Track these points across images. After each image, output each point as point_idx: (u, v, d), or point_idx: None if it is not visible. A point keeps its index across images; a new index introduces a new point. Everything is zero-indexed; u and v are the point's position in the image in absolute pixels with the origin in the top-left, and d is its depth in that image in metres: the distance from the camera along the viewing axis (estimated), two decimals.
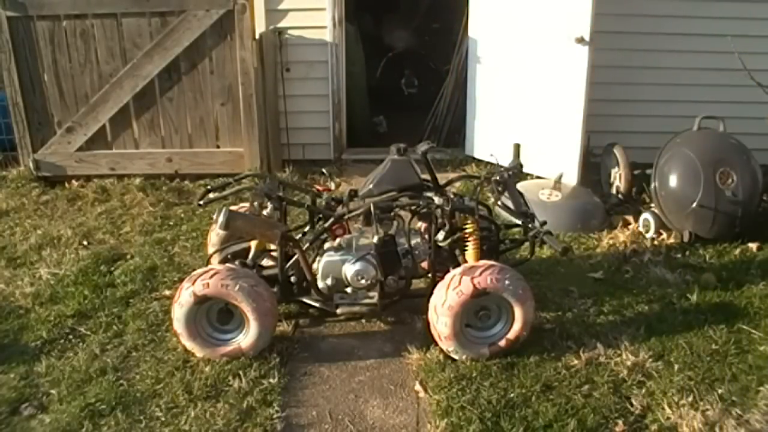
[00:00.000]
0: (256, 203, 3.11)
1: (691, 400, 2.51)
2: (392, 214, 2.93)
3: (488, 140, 5.16)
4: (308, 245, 2.94)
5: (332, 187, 3.31)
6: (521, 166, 3.28)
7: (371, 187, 2.99)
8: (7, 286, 3.45)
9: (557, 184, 4.37)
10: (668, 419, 2.42)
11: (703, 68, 5.08)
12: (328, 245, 2.96)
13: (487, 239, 2.98)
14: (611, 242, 3.91)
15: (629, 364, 2.71)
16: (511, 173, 3.11)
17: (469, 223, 2.84)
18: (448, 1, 6.77)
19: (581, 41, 4.36)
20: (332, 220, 2.95)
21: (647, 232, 4.01)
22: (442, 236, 2.81)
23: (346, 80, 5.37)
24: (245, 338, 2.74)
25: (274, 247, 2.94)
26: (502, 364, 2.71)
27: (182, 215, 4.41)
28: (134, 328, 3.03)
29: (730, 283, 3.40)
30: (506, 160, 3.30)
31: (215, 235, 3.26)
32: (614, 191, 4.55)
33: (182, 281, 2.75)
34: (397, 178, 2.98)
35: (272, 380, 2.64)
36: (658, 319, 3.08)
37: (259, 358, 2.75)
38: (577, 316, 3.12)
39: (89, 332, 3.02)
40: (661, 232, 3.96)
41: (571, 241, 3.94)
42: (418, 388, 2.63)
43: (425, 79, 7.09)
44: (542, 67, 4.68)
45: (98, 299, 3.29)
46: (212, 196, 3.11)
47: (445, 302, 2.65)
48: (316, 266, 2.91)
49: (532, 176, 4.79)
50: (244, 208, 3.18)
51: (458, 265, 2.83)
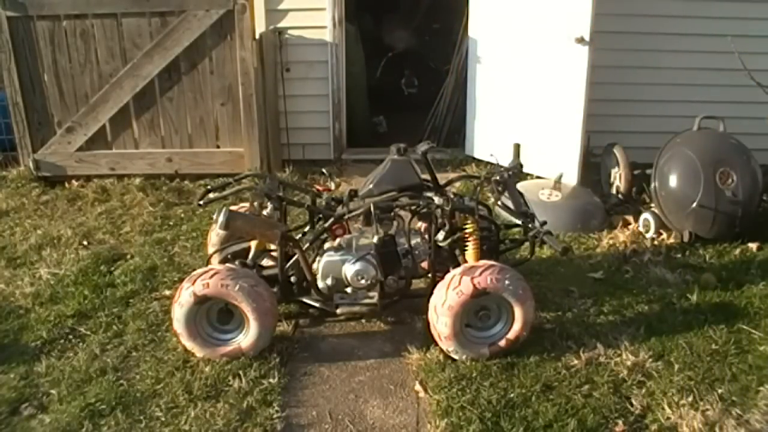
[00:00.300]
0: (256, 203, 3.11)
1: (691, 400, 2.51)
2: (392, 214, 2.93)
3: (488, 140, 5.16)
4: (308, 245, 2.94)
5: (332, 187, 3.30)
6: (521, 166, 3.28)
7: (371, 187, 2.99)
8: (7, 286, 3.45)
9: (557, 184, 4.37)
10: (668, 419, 2.42)
11: (702, 68, 5.09)
12: (328, 245, 2.95)
13: (487, 239, 2.98)
14: (611, 242, 3.91)
15: (629, 364, 2.71)
16: (511, 173, 3.11)
17: (469, 223, 2.84)
18: (448, 1, 6.77)
19: (581, 41, 4.36)
20: (332, 220, 2.95)
21: (647, 232, 4.01)
22: (442, 236, 2.81)
23: (346, 80, 5.37)
24: (245, 338, 2.73)
25: (274, 247, 2.94)
26: (502, 364, 2.71)
27: (182, 215, 4.41)
28: (134, 328, 3.03)
29: (730, 283, 3.40)
30: (506, 160, 3.30)
31: (215, 235, 3.26)
32: (614, 191, 4.55)
33: (182, 281, 2.75)
34: (397, 178, 2.98)
35: (272, 380, 2.64)
36: (658, 319, 3.08)
37: (259, 358, 2.75)
38: (577, 316, 3.12)
39: (89, 332, 3.02)
40: (661, 232, 3.96)
41: (571, 241, 3.94)
42: (418, 388, 2.63)
43: (425, 79, 7.09)
44: (542, 67, 4.68)
45: (98, 299, 3.29)
46: (212, 196, 3.11)
47: (445, 302, 2.65)
48: (316, 266, 2.91)
49: (532, 176, 4.79)
50: (244, 208, 3.18)
51: (458, 265, 2.83)
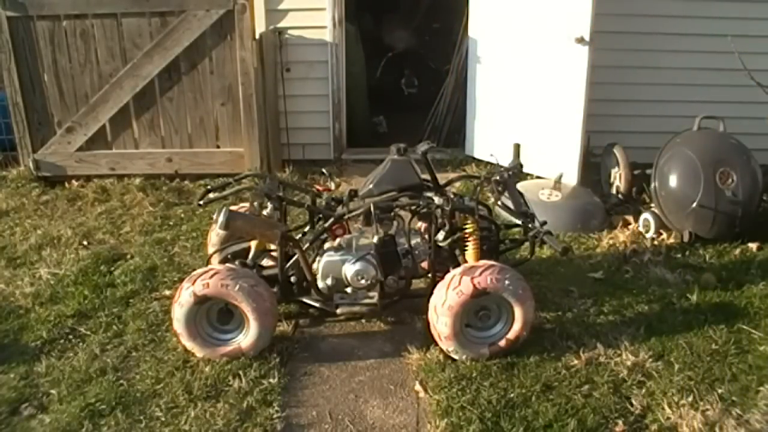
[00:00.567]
0: (256, 203, 3.11)
1: (691, 400, 2.51)
2: (392, 214, 2.93)
3: (488, 140, 5.16)
4: (308, 245, 2.94)
5: (332, 187, 3.30)
6: (521, 166, 3.28)
7: (371, 187, 2.99)
8: (7, 286, 3.45)
9: (557, 184, 4.37)
10: (668, 419, 2.42)
11: (702, 68, 5.09)
12: (328, 245, 2.95)
13: (487, 239, 2.98)
14: (611, 242, 3.91)
15: (629, 364, 2.71)
16: (511, 173, 3.11)
17: (469, 223, 2.84)
18: (448, 1, 6.77)
19: (581, 41, 4.36)
20: (332, 220, 2.95)
21: (647, 232, 4.01)
22: (442, 236, 2.81)
23: (346, 80, 5.37)
24: (245, 338, 2.73)
25: (274, 247, 2.94)
26: (502, 364, 2.71)
27: (182, 215, 4.41)
28: (134, 328, 3.03)
29: (730, 283, 3.40)
30: (506, 160, 3.30)
31: (215, 235, 3.26)
32: (614, 191, 4.55)
33: (182, 281, 2.75)
34: (397, 178, 2.98)
35: (272, 380, 2.64)
36: (658, 319, 3.08)
37: (259, 358, 2.75)
38: (577, 316, 3.12)
39: (89, 332, 3.02)
40: (661, 232, 3.96)
41: (571, 241, 3.94)
42: (418, 388, 2.63)
43: (425, 79, 7.09)
44: (542, 67, 4.68)
45: (98, 299, 3.29)
46: (212, 196, 3.11)
47: (445, 302, 2.65)
48: (316, 266, 2.91)
49: (532, 176, 4.79)
50: (244, 208, 3.18)
51: (458, 265, 2.83)
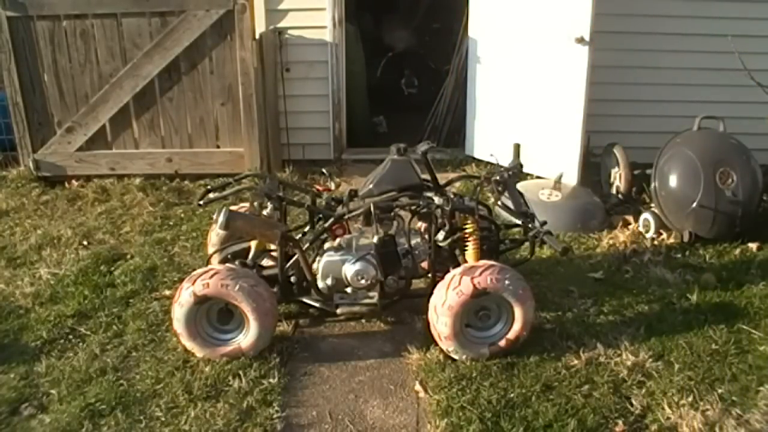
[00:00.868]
0: (256, 203, 3.11)
1: (691, 400, 2.51)
2: (392, 214, 2.93)
3: (488, 140, 5.16)
4: (308, 245, 2.94)
5: (332, 187, 3.30)
6: (521, 166, 3.28)
7: (371, 187, 2.99)
8: (7, 286, 3.45)
9: (557, 184, 4.37)
10: (668, 419, 2.42)
11: (702, 68, 5.08)
12: (328, 245, 2.95)
13: (487, 239, 2.98)
14: (611, 242, 3.91)
15: (629, 364, 2.71)
16: (511, 173, 3.11)
17: (469, 223, 2.84)
18: (448, 1, 6.77)
19: (581, 41, 4.36)
20: (332, 220, 2.95)
21: (647, 232, 4.01)
22: (442, 236, 2.81)
23: (346, 80, 5.37)
24: (245, 338, 2.73)
25: (274, 247, 2.94)
26: (502, 364, 2.71)
27: (182, 215, 4.41)
28: (134, 328, 3.03)
29: (730, 283, 3.40)
30: (506, 160, 3.30)
31: (215, 235, 3.26)
32: (614, 191, 4.55)
33: (182, 281, 2.75)
34: (397, 178, 2.98)
35: (272, 380, 2.64)
36: (658, 319, 3.08)
37: (259, 358, 2.75)
38: (577, 316, 3.12)
39: (89, 332, 3.02)
40: (661, 232, 3.96)
41: (571, 241, 3.94)
42: (418, 388, 2.63)
43: (425, 79, 7.09)
44: (542, 67, 4.68)
45: (98, 299, 3.29)
46: (212, 196, 3.11)
47: (445, 302, 2.65)
48: (316, 266, 2.91)
49: (532, 176, 4.79)
50: (244, 208, 3.18)
51: (458, 265, 2.83)
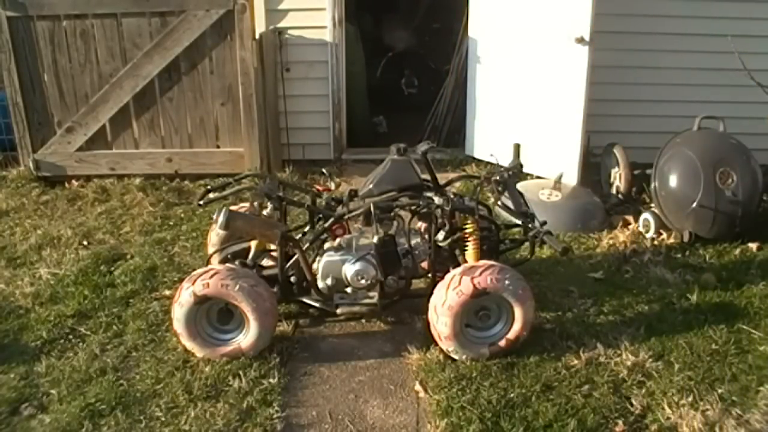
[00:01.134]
0: (256, 203, 3.11)
1: (691, 400, 2.51)
2: (392, 214, 2.93)
3: (488, 140, 5.16)
4: (308, 245, 2.94)
5: (332, 187, 3.30)
6: (521, 166, 3.28)
7: (371, 187, 2.99)
8: (7, 286, 3.45)
9: (557, 184, 4.37)
10: (668, 419, 2.42)
11: (703, 68, 5.08)
12: (328, 245, 2.95)
13: (487, 239, 2.98)
14: (611, 242, 3.91)
15: (629, 364, 2.71)
16: (511, 173, 3.11)
17: (469, 223, 2.84)
18: (448, 1, 6.77)
19: (581, 41, 4.36)
20: (332, 220, 2.95)
21: (647, 232, 4.01)
22: (442, 236, 2.81)
23: (346, 80, 5.38)
24: (245, 338, 2.73)
25: (274, 247, 2.94)
26: (502, 364, 2.71)
27: (182, 215, 4.41)
28: (134, 328, 3.03)
29: (730, 283, 3.40)
30: (506, 160, 3.30)
31: (215, 235, 3.26)
32: (614, 191, 4.55)
33: (182, 281, 2.75)
34: (397, 178, 2.98)
35: (272, 380, 2.64)
36: (658, 319, 3.08)
37: (259, 358, 2.75)
38: (577, 316, 3.12)
39: (89, 332, 3.02)
40: (661, 232, 3.96)
41: (571, 241, 3.94)
42: (418, 388, 2.63)
43: (425, 79, 7.09)
44: (542, 67, 4.68)
45: (98, 299, 3.29)
46: (212, 196, 3.11)
47: (445, 302, 2.65)
48: (316, 266, 2.91)
49: (532, 176, 4.79)
50: (244, 208, 3.18)
51: (458, 265, 2.83)
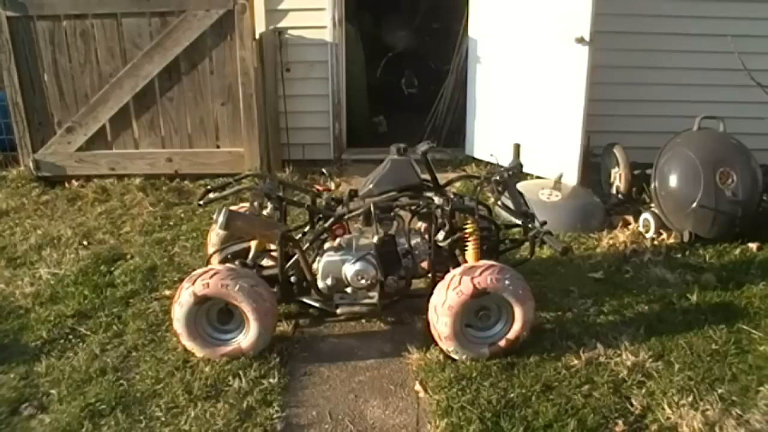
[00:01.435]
0: (256, 203, 3.11)
1: (691, 400, 2.51)
2: (392, 214, 2.93)
3: (488, 140, 5.16)
4: (308, 245, 2.94)
5: (332, 187, 3.31)
6: (521, 166, 3.27)
7: (371, 187, 2.99)
8: (7, 286, 3.45)
9: (557, 184, 4.37)
10: (668, 419, 2.42)
11: (703, 68, 5.08)
12: (328, 245, 2.95)
13: (487, 239, 2.98)
14: (611, 242, 3.91)
15: (629, 364, 2.71)
16: (511, 173, 3.11)
17: (469, 223, 2.83)
18: (448, 1, 6.77)
19: (581, 41, 4.36)
20: (332, 220, 2.95)
21: (647, 232, 4.01)
22: (442, 236, 2.81)
23: (346, 80, 5.37)
24: (245, 338, 2.73)
25: (274, 247, 2.94)
26: (502, 364, 2.71)
27: (182, 215, 4.41)
28: (134, 328, 3.03)
29: (730, 283, 3.40)
30: (506, 160, 3.30)
31: (215, 235, 3.26)
32: (614, 191, 4.55)
33: (182, 281, 2.75)
34: (397, 178, 2.98)
35: (272, 380, 2.64)
36: (658, 319, 3.08)
37: (259, 358, 2.74)
38: (577, 316, 3.12)
39: (89, 332, 3.02)
40: (661, 232, 3.96)
41: (571, 241, 3.94)
42: (418, 388, 2.63)
43: (425, 79, 7.09)
44: (542, 67, 4.68)
45: (98, 299, 3.29)
46: (212, 196, 3.11)
47: (445, 302, 2.65)
48: (316, 266, 2.91)
49: (532, 176, 4.79)
50: (244, 208, 3.18)
51: (458, 265, 2.83)
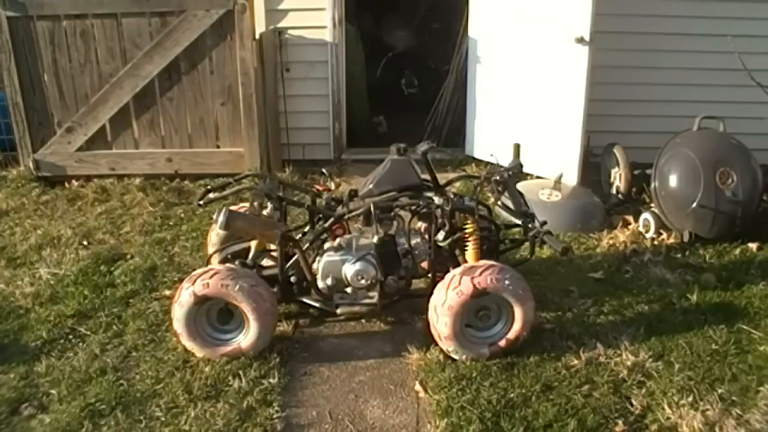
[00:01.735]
0: (256, 203, 3.11)
1: (691, 400, 2.51)
2: (392, 214, 2.93)
3: (488, 140, 5.16)
4: (308, 245, 2.94)
5: (332, 187, 3.31)
6: (521, 166, 3.28)
7: (371, 187, 2.99)
8: (7, 286, 3.45)
9: (557, 184, 4.37)
10: (668, 419, 2.42)
11: (703, 68, 5.08)
12: (328, 245, 2.95)
13: (487, 239, 2.98)
14: (611, 242, 3.91)
15: (629, 364, 2.71)
16: (511, 173, 3.11)
17: (469, 223, 2.84)
18: (448, 1, 6.77)
19: (581, 41, 4.36)
20: (332, 220, 2.95)
21: (647, 232, 4.01)
22: (442, 236, 2.81)
23: (346, 80, 5.37)
24: (245, 338, 2.73)
25: (274, 247, 2.94)
26: (502, 364, 2.71)
27: (182, 215, 4.41)
28: (134, 328, 3.03)
29: (730, 283, 3.40)
30: (506, 160, 3.30)
31: (215, 235, 3.26)
32: (614, 191, 4.55)
33: (182, 281, 2.75)
34: (397, 178, 2.98)
35: (272, 380, 2.64)
36: (658, 319, 3.08)
37: (259, 358, 2.74)
38: (577, 316, 3.12)
39: (89, 332, 3.01)
40: (661, 232, 3.96)
41: (571, 241, 3.94)
42: (418, 388, 2.63)
43: (425, 79, 7.09)
44: (542, 67, 4.68)
45: (98, 299, 3.29)
46: (212, 196, 3.11)
47: (445, 302, 2.65)
48: (316, 266, 2.91)
49: (532, 176, 4.79)
50: (244, 208, 3.18)
51: (458, 265, 2.83)
